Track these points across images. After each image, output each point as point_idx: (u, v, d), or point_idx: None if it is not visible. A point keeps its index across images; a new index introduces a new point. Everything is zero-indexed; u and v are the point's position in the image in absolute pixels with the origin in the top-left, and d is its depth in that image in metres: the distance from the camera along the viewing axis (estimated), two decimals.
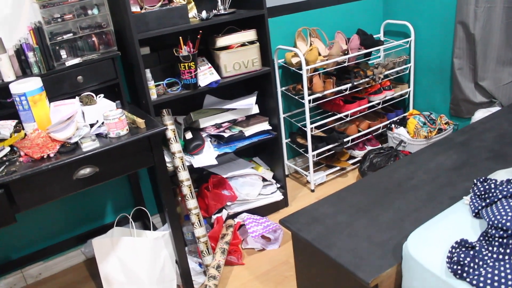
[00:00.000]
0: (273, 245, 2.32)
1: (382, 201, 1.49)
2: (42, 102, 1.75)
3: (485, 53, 2.54)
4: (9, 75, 1.81)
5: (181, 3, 2.15)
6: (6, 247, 2.22)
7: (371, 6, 3.07)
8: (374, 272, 1.18)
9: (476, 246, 1.08)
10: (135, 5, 2.08)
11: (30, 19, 1.95)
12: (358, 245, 1.29)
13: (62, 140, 1.66)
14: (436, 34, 2.83)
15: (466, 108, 2.75)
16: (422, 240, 1.18)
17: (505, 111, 2.09)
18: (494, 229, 1.08)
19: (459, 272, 1.02)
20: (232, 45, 2.26)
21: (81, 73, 1.94)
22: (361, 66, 2.84)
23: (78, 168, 1.63)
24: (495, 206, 1.15)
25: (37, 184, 1.57)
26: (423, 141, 2.75)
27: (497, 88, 2.57)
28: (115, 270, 1.95)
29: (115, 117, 1.71)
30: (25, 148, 1.64)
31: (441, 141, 1.86)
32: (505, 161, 1.59)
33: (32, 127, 1.74)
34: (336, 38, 2.81)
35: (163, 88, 2.17)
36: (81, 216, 2.37)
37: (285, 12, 2.70)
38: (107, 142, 1.70)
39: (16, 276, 2.27)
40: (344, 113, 2.77)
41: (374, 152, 2.75)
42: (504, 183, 1.24)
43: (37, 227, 2.26)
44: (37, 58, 1.85)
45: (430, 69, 2.95)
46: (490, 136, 1.82)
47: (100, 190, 2.38)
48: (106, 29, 1.99)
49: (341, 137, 2.76)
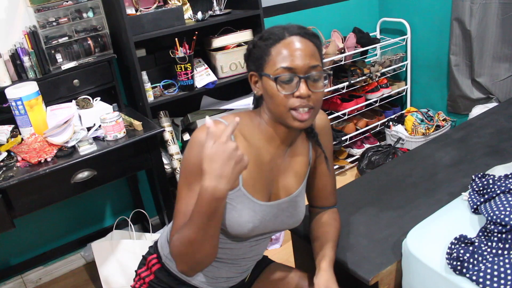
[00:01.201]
0: (275, 245, 2.32)
1: (381, 198, 1.49)
2: (39, 107, 1.74)
3: (481, 49, 2.54)
4: (4, 80, 1.80)
5: (176, 4, 2.15)
6: (6, 252, 2.22)
7: (366, 4, 3.07)
8: (374, 269, 1.18)
9: (475, 241, 1.07)
10: (130, 7, 2.07)
11: (25, 23, 1.95)
12: (358, 242, 1.29)
13: (59, 144, 1.66)
14: (432, 31, 2.83)
15: (464, 104, 2.75)
16: (422, 237, 1.18)
17: (502, 106, 2.09)
18: (493, 224, 1.08)
19: (459, 268, 1.02)
20: (228, 45, 2.25)
21: (77, 77, 1.93)
22: (357, 64, 2.84)
23: (76, 172, 1.63)
24: (494, 202, 1.15)
25: (35, 189, 1.57)
26: (421, 138, 2.75)
27: (493, 84, 2.57)
28: (115, 273, 1.95)
29: (112, 120, 1.71)
30: (22, 153, 1.63)
31: (439, 138, 1.86)
32: (502, 156, 1.59)
33: (29, 131, 1.74)
34: (332, 36, 2.81)
35: (159, 90, 2.17)
36: (80, 220, 2.37)
37: (280, 12, 2.70)
38: (105, 145, 1.69)
39: (16, 282, 2.26)
40: (341, 111, 2.77)
41: (372, 150, 2.75)
42: (502, 178, 1.24)
43: (36, 232, 2.25)
44: (33, 63, 1.84)
45: (427, 66, 2.95)
46: (487, 132, 1.82)
47: (98, 194, 2.37)
48: (102, 32, 1.98)
49: (339, 135, 2.76)
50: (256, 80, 1.06)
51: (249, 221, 1.05)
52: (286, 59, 0.98)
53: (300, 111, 0.99)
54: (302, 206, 1.17)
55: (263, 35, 1.04)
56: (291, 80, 0.98)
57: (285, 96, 0.98)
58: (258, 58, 1.03)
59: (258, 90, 1.06)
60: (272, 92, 1.00)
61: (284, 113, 1.00)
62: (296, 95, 0.98)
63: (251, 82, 1.08)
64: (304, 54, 0.98)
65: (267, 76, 1.00)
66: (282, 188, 1.12)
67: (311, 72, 0.99)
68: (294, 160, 1.14)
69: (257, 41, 1.04)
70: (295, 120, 1.00)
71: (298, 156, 1.15)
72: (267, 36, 1.02)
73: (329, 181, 1.25)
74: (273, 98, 1.00)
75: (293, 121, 1.01)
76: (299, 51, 0.99)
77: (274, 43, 1.00)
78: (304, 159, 1.16)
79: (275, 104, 1.01)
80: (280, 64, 0.98)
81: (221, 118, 1.05)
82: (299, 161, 1.15)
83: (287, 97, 0.99)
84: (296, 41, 0.99)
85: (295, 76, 0.98)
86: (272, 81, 0.99)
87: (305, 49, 0.99)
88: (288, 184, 1.13)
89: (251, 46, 1.06)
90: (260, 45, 1.03)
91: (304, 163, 1.16)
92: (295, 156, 1.14)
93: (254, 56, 1.04)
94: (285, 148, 1.11)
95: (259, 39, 1.04)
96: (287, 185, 1.13)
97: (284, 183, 1.13)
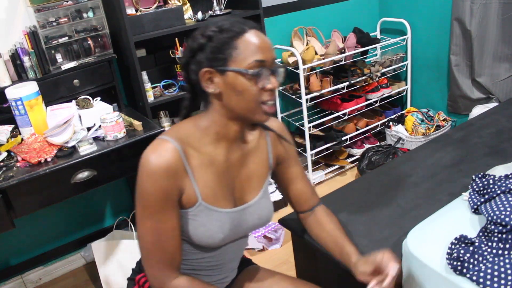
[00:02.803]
0: (275, 245, 2.32)
1: (381, 198, 1.49)
2: (39, 107, 1.74)
3: (481, 49, 2.54)
4: (4, 80, 1.80)
5: (176, 4, 2.15)
6: (6, 252, 2.22)
7: (367, 4, 3.07)
8: None
9: (476, 241, 1.07)
10: (130, 7, 2.07)
11: (25, 23, 1.95)
12: (358, 243, 1.29)
13: (59, 144, 1.66)
14: (432, 31, 2.83)
15: (464, 104, 2.75)
16: (422, 237, 1.18)
17: (503, 106, 2.09)
18: (493, 224, 1.08)
19: (459, 268, 1.02)
20: None
21: (77, 77, 1.93)
22: (358, 65, 2.84)
23: (76, 172, 1.63)
24: (494, 202, 1.15)
25: (35, 189, 1.57)
26: (421, 138, 2.75)
27: (494, 84, 2.57)
28: (115, 273, 1.94)
29: (112, 120, 1.71)
30: (22, 153, 1.63)
31: (439, 138, 1.86)
32: (503, 156, 1.59)
33: (29, 131, 1.74)
34: (333, 36, 2.81)
35: (160, 90, 2.17)
36: (80, 220, 2.37)
37: (281, 12, 2.70)
38: (105, 145, 1.69)
39: (16, 282, 2.26)
40: (341, 111, 2.77)
41: (372, 150, 2.75)
42: (503, 178, 1.24)
43: (36, 232, 2.25)
44: (33, 63, 1.84)
45: (427, 66, 2.95)
46: (488, 132, 1.81)
47: (98, 194, 2.37)
48: (102, 32, 1.98)
49: (339, 135, 2.76)
50: (210, 77, 0.98)
51: (218, 231, 1.04)
52: (258, 52, 0.95)
53: (269, 104, 0.99)
54: (269, 205, 1.16)
55: (219, 28, 0.96)
56: (264, 74, 0.96)
57: (258, 90, 0.96)
58: (216, 52, 0.95)
59: (216, 87, 0.98)
60: (243, 87, 0.96)
61: (255, 108, 0.98)
62: (268, 88, 0.97)
63: (203, 80, 0.98)
64: (270, 47, 0.98)
65: (236, 71, 0.95)
66: (245, 191, 1.11)
67: (275, 64, 0.99)
68: (253, 161, 1.12)
69: (214, 34, 0.95)
70: (264, 114, 0.99)
71: (257, 157, 1.12)
72: (227, 29, 0.95)
73: (306, 182, 1.23)
74: (244, 93, 0.96)
75: (262, 116, 1.00)
76: (266, 43, 0.97)
77: (238, 36, 0.95)
78: (263, 160, 1.14)
79: (245, 100, 0.97)
80: (253, 57, 0.94)
81: (166, 136, 1.00)
82: (258, 163, 1.12)
83: (260, 91, 0.97)
84: (259, 34, 0.97)
85: (267, 69, 0.96)
86: (243, 75, 0.95)
87: (268, 42, 0.98)
88: (250, 186, 1.11)
89: (203, 39, 0.96)
90: (220, 38, 0.95)
91: (264, 165, 1.14)
92: (253, 158, 1.12)
93: (210, 50, 0.95)
94: (235, 146, 1.07)
95: (217, 31, 0.95)
96: (250, 187, 1.11)
97: (246, 186, 1.11)
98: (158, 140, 1.00)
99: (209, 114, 1.03)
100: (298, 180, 1.22)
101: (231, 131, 1.04)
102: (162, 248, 1.00)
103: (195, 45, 0.97)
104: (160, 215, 0.98)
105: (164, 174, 0.95)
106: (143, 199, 0.98)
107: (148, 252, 1.01)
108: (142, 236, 1.01)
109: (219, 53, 0.95)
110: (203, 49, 0.96)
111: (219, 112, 1.01)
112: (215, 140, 1.04)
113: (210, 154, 1.03)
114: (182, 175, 0.98)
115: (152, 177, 0.95)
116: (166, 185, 0.96)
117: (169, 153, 0.96)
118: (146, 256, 1.02)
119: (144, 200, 0.97)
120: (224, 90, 0.98)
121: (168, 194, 0.97)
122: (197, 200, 1.01)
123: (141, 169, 0.97)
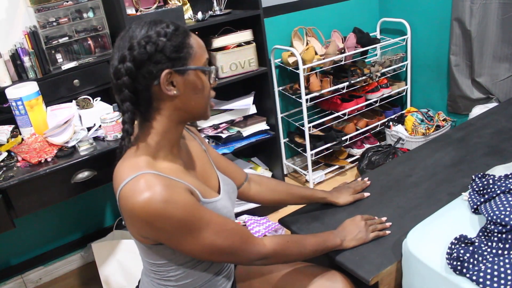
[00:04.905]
0: None
1: (381, 198, 1.49)
2: (39, 107, 1.74)
3: (481, 49, 2.54)
4: (4, 80, 1.80)
5: (176, 4, 2.15)
6: (6, 252, 2.22)
7: (367, 5, 3.07)
8: (374, 269, 1.18)
9: (476, 241, 1.07)
10: (130, 7, 2.07)
11: (25, 23, 1.95)
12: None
13: (60, 144, 1.66)
14: (432, 31, 2.83)
15: (464, 104, 2.75)
16: (422, 237, 1.18)
17: (502, 107, 2.09)
18: (493, 224, 1.08)
19: (459, 268, 1.02)
20: (228, 45, 2.25)
21: (77, 77, 1.93)
22: (358, 65, 2.84)
23: (76, 172, 1.63)
24: (494, 202, 1.15)
25: (35, 189, 1.57)
26: (421, 138, 2.75)
27: (493, 84, 2.57)
28: (115, 274, 1.95)
29: (113, 120, 1.71)
30: (23, 153, 1.63)
31: (439, 138, 1.86)
32: (503, 156, 1.59)
33: (29, 131, 1.74)
34: (333, 37, 2.81)
35: None
36: (80, 220, 2.37)
37: (281, 12, 2.70)
38: (105, 145, 1.69)
39: (17, 282, 2.26)
40: (341, 111, 2.77)
41: (372, 150, 2.75)
42: (502, 178, 1.25)
43: (36, 232, 2.26)
44: (33, 63, 1.84)
45: (427, 66, 2.95)
46: (487, 132, 1.82)
47: (98, 194, 2.37)
48: (102, 32, 1.98)
49: (339, 135, 2.76)
50: (170, 79, 0.93)
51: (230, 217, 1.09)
52: (205, 50, 0.99)
53: (212, 100, 1.03)
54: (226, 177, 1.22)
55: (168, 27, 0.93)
56: (214, 70, 1.00)
57: (210, 88, 1.00)
58: (175, 51, 0.92)
59: (177, 90, 0.94)
60: (203, 85, 0.98)
61: (207, 105, 1.01)
62: (214, 85, 1.01)
63: (165, 84, 0.92)
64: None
65: (198, 70, 0.95)
66: (209, 178, 1.15)
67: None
68: (195, 152, 1.15)
69: (171, 33, 0.92)
70: (210, 110, 1.04)
71: (193, 147, 1.16)
72: (175, 28, 0.93)
73: (225, 160, 1.30)
74: (203, 91, 0.98)
75: (209, 112, 1.03)
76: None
77: (187, 35, 0.95)
78: (198, 147, 1.18)
79: (204, 98, 0.99)
80: (204, 55, 0.98)
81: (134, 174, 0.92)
82: (197, 151, 1.17)
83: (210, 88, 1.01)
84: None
85: (214, 66, 1.02)
86: (204, 72, 0.97)
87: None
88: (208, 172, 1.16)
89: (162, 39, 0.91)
90: (176, 37, 0.92)
91: (201, 150, 1.19)
92: (192, 148, 1.16)
93: (169, 50, 0.91)
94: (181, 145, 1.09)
95: (173, 30, 0.93)
96: (209, 173, 1.16)
97: (206, 174, 1.14)
98: (134, 182, 0.91)
99: (156, 126, 0.98)
100: (221, 159, 1.29)
101: (179, 134, 1.03)
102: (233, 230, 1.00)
103: (150, 46, 0.90)
104: (203, 213, 0.96)
105: (170, 191, 0.91)
106: (180, 225, 0.92)
107: (231, 246, 1.00)
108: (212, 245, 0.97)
109: (179, 53, 0.93)
110: (162, 50, 0.91)
111: (169, 117, 0.97)
112: (170, 149, 1.02)
113: (175, 162, 1.03)
114: (178, 184, 0.97)
115: (168, 204, 0.89)
116: (179, 192, 0.93)
117: (156, 179, 0.91)
118: (232, 252, 1.01)
119: (182, 223, 0.92)
120: (183, 91, 0.95)
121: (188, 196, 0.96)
122: (199, 199, 1.02)
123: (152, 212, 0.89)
